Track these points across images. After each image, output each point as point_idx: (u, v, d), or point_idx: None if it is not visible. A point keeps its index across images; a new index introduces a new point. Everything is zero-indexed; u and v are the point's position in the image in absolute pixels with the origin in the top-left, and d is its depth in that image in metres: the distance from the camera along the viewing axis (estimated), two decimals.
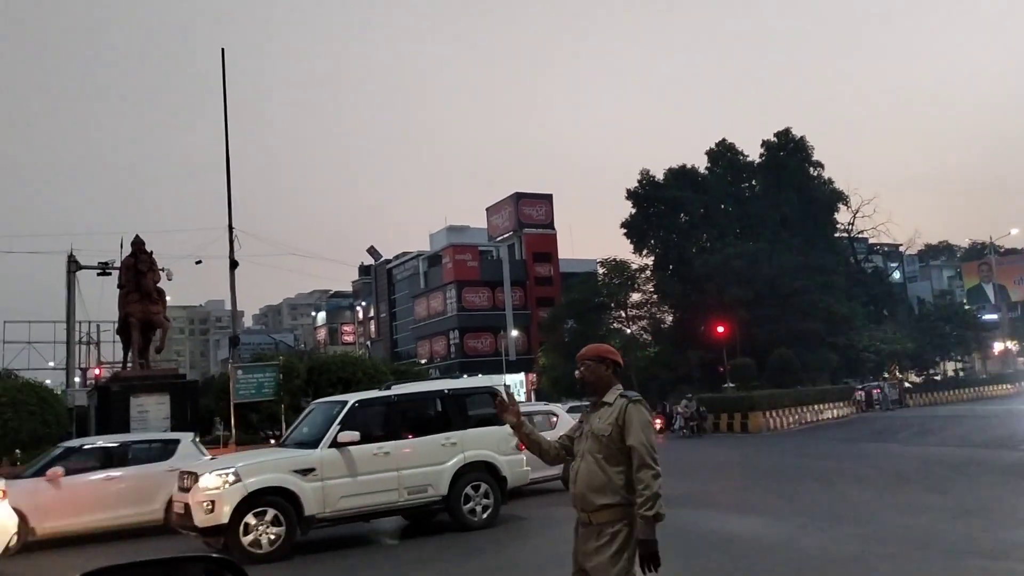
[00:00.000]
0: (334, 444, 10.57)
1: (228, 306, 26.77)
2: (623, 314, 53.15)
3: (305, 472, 10.39)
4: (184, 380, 24.06)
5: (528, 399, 62.41)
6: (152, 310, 21.99)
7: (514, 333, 66.47)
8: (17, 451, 18.11)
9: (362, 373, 23.39)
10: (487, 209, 74.05)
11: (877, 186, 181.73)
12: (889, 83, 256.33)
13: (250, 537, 9.90)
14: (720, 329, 44.44)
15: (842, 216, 61.85)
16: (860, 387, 46.76)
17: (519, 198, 70.60)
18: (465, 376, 64.20)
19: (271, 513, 10.03)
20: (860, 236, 65.84)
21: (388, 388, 12.16)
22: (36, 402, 18.79)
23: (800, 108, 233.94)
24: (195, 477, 10.26)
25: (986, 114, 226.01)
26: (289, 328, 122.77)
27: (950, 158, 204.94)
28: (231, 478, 10.00)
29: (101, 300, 49.76)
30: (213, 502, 9.88)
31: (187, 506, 10.15)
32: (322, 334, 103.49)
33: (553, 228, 72.07)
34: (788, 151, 59.58)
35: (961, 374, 70.00)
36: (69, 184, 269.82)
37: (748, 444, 26.93)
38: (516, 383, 64.80)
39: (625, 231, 58.81)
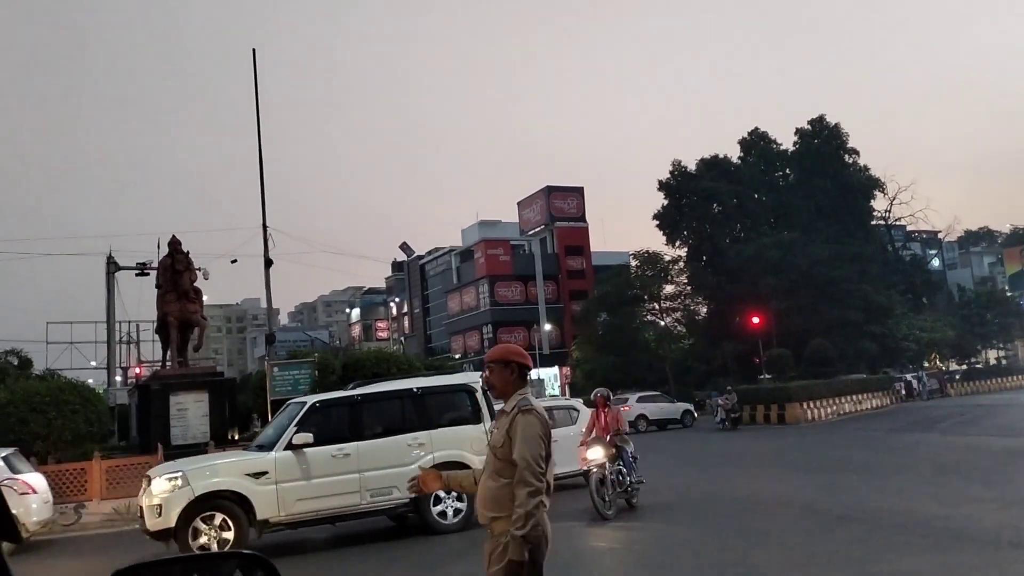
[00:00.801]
0: (289, 446, 10.37)
1: (264, 304, 27.09)
2: (656, 306, 52.87)
3: (258, 475, 10.25)
4: (222, 378, 24.40)
5: (562, 393, 62.43)
6: (190, 309, 22.33)
7: (547, 327, 66.42)
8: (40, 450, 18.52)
9: (396, 369, 23.51)
10: (518, 203, 74.02)
11: (915, 172, 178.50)
12: (926, 66, 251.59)
13: (200, 541, 9.87)
14: (755, 320, 44.05)
15: (879, 203, 61.07)
16: (899, 377, 46.09)
17: (550, 191, 70.46)
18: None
19: (219, 517, 9.98)
20: (897, 223, 64.83)
21: (353, 388, 11.78)
22: (79, 401, 19.15)
23: (835, 94, 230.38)
24: (149, 480, 10.32)
25: None
26: (324, 325, 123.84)
27: (990, 142, 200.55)
28: (179, 482, 9.97)
29: (140, 300, 50.83)
30: (161, 506, 9.90)
31: (140, 509, 10.25)
32: (357, 330, 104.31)
33: (585, 221, 71.82)
34: (822, 138, 58.84)
35: (1004, 362, 68.64)
36: (107, 187, 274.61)
37: (785, 436, 26.68)
38: (550, 377, 64.81)
39: (657, 223, 58.52)
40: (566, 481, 14.97)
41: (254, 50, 26.90)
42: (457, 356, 64.16)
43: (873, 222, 61.49)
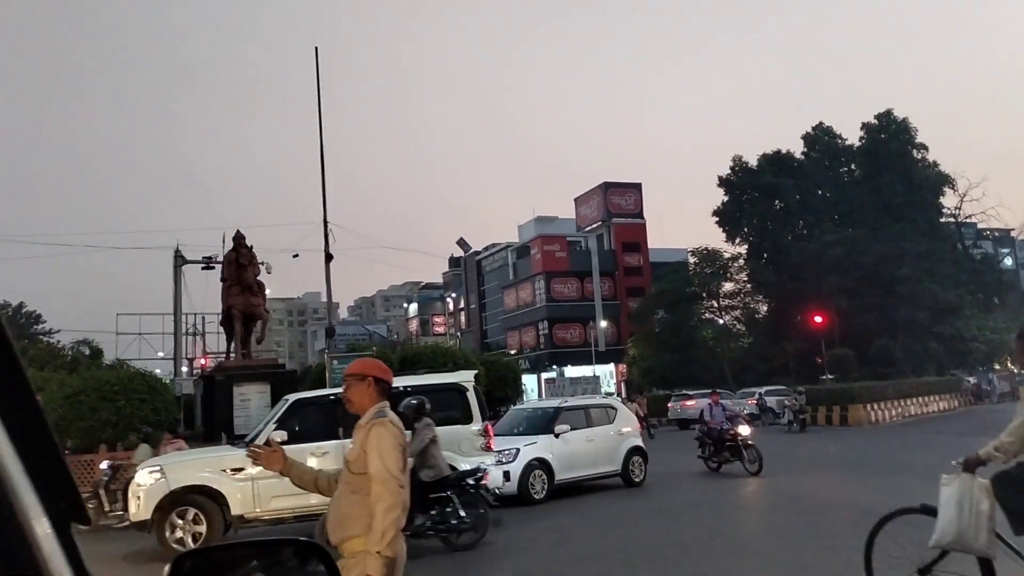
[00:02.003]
0: (266, 443, 10.50)
1: (324, 298, 27.53)
2: (715, 304, 52.22)
3: (236, 471, 10.29)
4: (283, 370, 24.86)
5: (618, 391, 62.07)
6: (253, 302, 22.77)
7: (603, 324, 66.09)
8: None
9: (452, 363, 23.65)
10: (575, 199, 73.76)
11: (986, 168, 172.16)
12: (999, 58, 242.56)
13: (177, 534, 10.01)
14: (818, 319, 43.12)
15: (948, 200, 59.16)
16: (969, 379, 44.65)
17: (608, 187, 70.04)
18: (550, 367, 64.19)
19: (192, 512, 10.11)
20: (968, 221, 62.74)
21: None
22: (146, 390, 19.69)
23: (902, 88, 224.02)
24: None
25: None
26: (382, 319, 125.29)
27: None
28: (157, 475, 10.15)
29: (206, 293, 52.05)
30: (140, 497, 10.11)
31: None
32: (414, 325, 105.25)
33: (642, 217, 71.20)
34: (890, 133, 57.21)
35: None
36: (174, 182, 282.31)
37: (848, 437, 26.07)
38: (606, 374, 64.48)
39: (717, 219, 57.72)
40: (606, 481, 15.24)
41: (316, 48, 27.32)
42: (512, 352, 64.36)
43: (942, 219, 59.60)
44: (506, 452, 13.71)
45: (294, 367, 42.96)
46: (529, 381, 58.75)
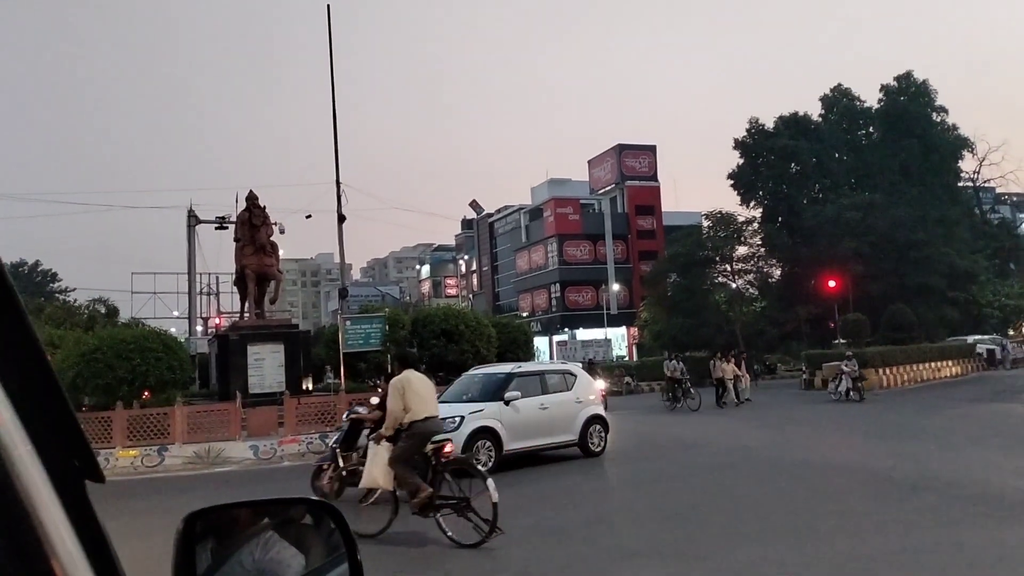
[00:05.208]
0: None
1: (337, 259, 27.57)
2: (728, 268, 51.88)
3: None
4: (297, 330, 25.03)
5: (629, 354, 62.16)
6: (266, 263, 22.88)
7: (615, 287, 66.02)
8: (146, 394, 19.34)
9: (464, 325, 23.73)
10: (589, 161, 73.23)
11: (1007, 131, 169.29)
12: (1020, 19, 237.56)
13: None
14: (832, 283, 42.88)
15: (967, 164, 58.42)
16: (979, 347, 44.39)
17: (622, 150, 69.46)
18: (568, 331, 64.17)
19: None
20: (986, 185, 62.02)
21: None
22: (162, 349, 19.84)
23: (922, 49, 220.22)
24: None
25: None
26: (395, 280, 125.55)
27: None
28: None
29: (220, 253, 52.27)
30: None
31: None
32: (426, 287, 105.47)
33: (656, 180, 70.68)
34: (909, 96, 56.32)
35: None
36: (188, 141, 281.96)
37: (859, 402, 26.06)
38: (617, 337, 64.53)
39: (732, 182, 57.23)
40: (563, 451, 14.63)
41: (328, 5, 26.98)
42: (524, 314, 64.45)
43: (960, 184, 58.90)
44: (448, 420, 12.66)
45: (307, 327, 43.24)
46: (541, 343, 58.92)
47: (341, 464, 10.51)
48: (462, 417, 13.20)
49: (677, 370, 27.42)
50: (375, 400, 11.58)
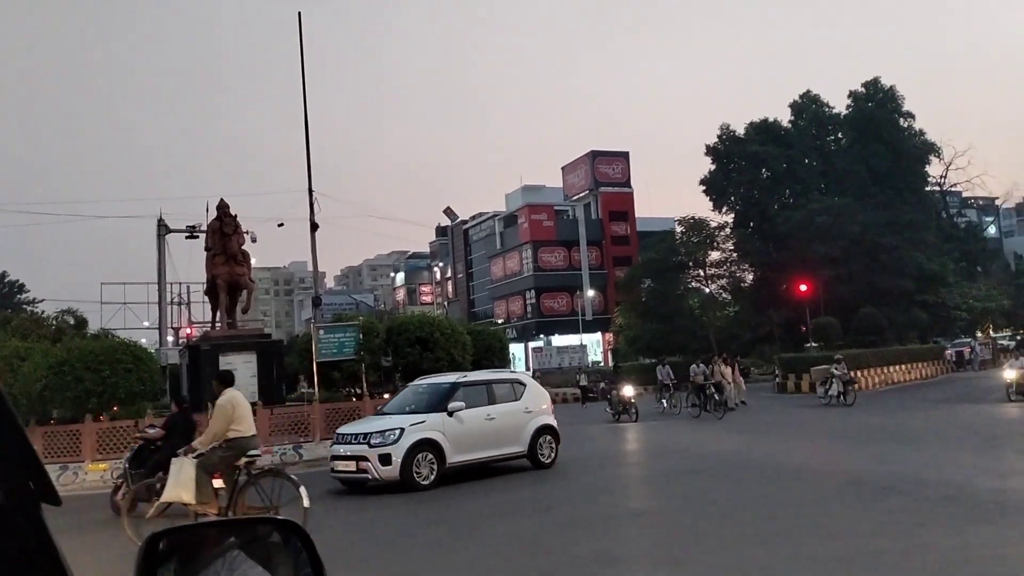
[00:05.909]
0: None
1: (310, 267, 27.36)
2: (702, 273, 52.33)
3: None
4: (270, 340, 24.74)
5: (605, 359, 62.35)
6: (238, 272, 22.61)
7: (590, 293, 66.25)
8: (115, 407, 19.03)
9: (439, 333, 23.61)
10: (563, 168, 73.50)
11: (972, 137, 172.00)
12: (985, 27, 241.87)
13: None
14: (803, 287, 43.33)
15: (934, 169, 59.39)
16: (950, 347, 45.11)
17: (595, 156, 69.78)
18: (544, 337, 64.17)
19: None
20: (953, 189, 63.04)
21: None
22: (132, 360, 19.52)
23: (890, 56, 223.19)
24: None
25: None
26: (369, 289, 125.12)
27: None
28: None
29: (190, 262, 51.55)
30: None
31: None
32: (401, 294, 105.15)
33: (630, 186, 71.10)
34: (877, 102, 57.14)
35: None
36: (157, 151, 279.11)
37: (831, 405, 26.27)
38: (592, 343, 64.72)
39: (704, 188, 57.69)
40: (512, 463, 14.07)
41: (299, 13, 26.83)
42: (500, 321, 64.46)
43: (928, 188, 59.80)
44: (387, 432, 12.58)
45: (281, 337, 42.87)
46: (516, 350, 58.96)
47: (130, 481, 11.14)
48: (402, 429, 12.70)
49: (668, 376, 27.67)
50: (160, 423, 12.73)
